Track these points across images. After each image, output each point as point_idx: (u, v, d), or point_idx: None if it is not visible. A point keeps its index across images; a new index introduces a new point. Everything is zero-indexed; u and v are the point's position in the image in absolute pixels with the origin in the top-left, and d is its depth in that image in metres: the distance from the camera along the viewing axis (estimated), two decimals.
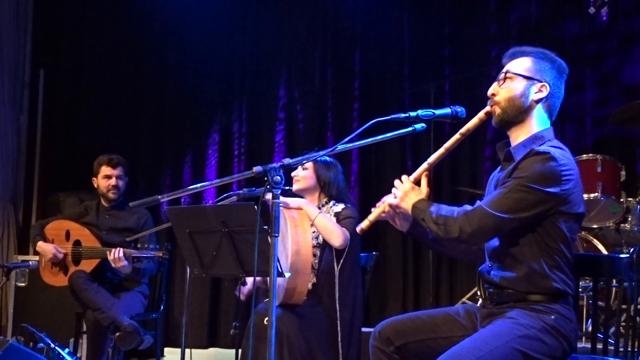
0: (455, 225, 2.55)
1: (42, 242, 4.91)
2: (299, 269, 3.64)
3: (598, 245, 4.78)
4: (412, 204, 2.68)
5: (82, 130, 6.84)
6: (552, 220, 2.54)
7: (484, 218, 2.51)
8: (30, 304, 5.64)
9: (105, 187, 4.98)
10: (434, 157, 2.75)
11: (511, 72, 2.69)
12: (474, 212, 2.55)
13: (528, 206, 2.50)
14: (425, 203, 2.67)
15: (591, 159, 4.94)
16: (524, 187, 2.50)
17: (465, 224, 2.53)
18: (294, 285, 3.63)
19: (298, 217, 3.76)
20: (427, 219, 2.62)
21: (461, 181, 5.94)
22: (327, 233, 3.76)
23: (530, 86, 2.68)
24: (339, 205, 3.92)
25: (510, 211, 2.50)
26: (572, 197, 2.55)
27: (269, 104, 6.56)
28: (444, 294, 5.92)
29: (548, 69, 2.71)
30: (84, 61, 6.91)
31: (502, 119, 2.70)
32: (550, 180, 2.50)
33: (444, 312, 2.79)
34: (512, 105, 2.67)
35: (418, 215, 2.67)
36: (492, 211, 2.51)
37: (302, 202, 3.86)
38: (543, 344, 2.48)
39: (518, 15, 6.03)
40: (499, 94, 2.70)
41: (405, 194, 2.72)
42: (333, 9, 6.52)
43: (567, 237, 2.57)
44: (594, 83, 5.76)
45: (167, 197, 2.68)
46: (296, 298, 3.67)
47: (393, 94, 6.28)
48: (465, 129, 2.73)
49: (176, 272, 6.26)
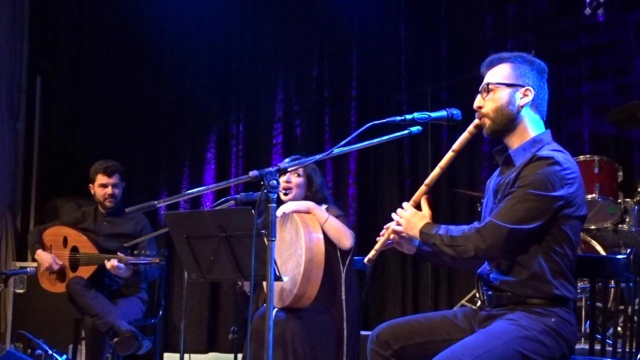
0: (469, 245, 2.53)
1: (40, 251, 4.90)
2: (311, 276, 3.60)
3: (596, 246, 4.78)
4: (419, 230, 2.66)
5: (80, 136, 6.83)
6: (557, 224, 2.54)
7: (497, 232, 2.50)
8: (28, 310, 5.63)
9: (101, 195, 4.96)
10: (431, 178, 2.75)
11: (492, 84, 2.70)
12: (486, 227, 2.53)
13: (538, 214, 2.50)
14: (431, 227, 2.65)
15: (588, 160, 4.95)
16: (532, 195, 2.50)
17: (479, 242, 2.52)
18: (304, 291, 3.59)
19: (310, 223, 3.70)
20: (438, 243, 2.60)
21: (459, 183, 5.94)
22: (338, 235, 3.74)
23: (514, 93, 2.68)
24: (324, 206, 3.89)
25: (522, 221, 2.50)
26: (577, 200, 2.56)
27: (267, 107, 6.57)
28: (443, 297, 5.92)
29: (528, 71, 2.71)
30: (81, 67, 6.91)
31: (494, 130, 2.70)
32: (556, 184, 2.50)
33: (442, 315, 2.79)
34: (501, 115, 2.67)
35: (428, 240, 2.64)
36: (503, 224, 2.50)
37: (310, 205, 3.80)
38: (543, 345, 2.48)
39: (514, 17, 6.03)
40: (484, 106, 2.70)
41: (408, 221, 2.70)
42: (330, 12, 6.53)
43: (572, 240, 2.57)
44: (592, 83, 5.76)
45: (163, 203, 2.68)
46: (303, 303, 3.64)
47: (390, 97, 6.28)
48: (458, 145, 2.74)
49: (174, 277, 6.26)
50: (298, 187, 3.94)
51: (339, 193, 6.30)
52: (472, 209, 5.80)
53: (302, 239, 3.61)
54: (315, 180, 3.96)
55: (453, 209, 5.98)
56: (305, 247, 3.59)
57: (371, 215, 6.21)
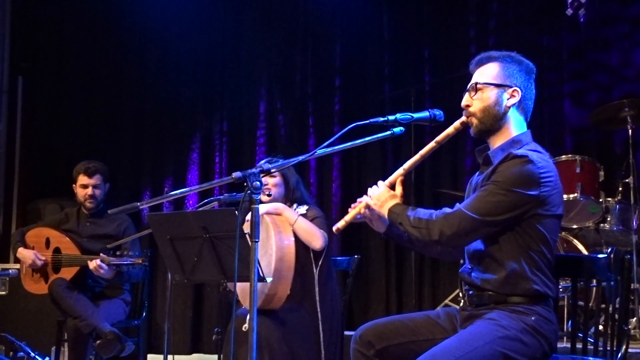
0: (434, 228, 2.57)
1: (22, 249, 4.88)
2: (282, 275, 3.62)
3: (578, 246, 4.81)
4: (389, 209, 2.71)
5: (62, 137, 6.80)
6: (531, 221, 2.55)
7: (463, 221, 2.54)
8: (10, 312, 5.58)
9: (82, 196, 4.94)
10: (409, 164, 2.79)
11: (481, 83, 2.71)
12: (454, 214, 2.57)
13: (506, 209, 2.52)
14: (401, 207, 2.69)
15: (570, 159, 4.97)
16: (503, 189, 2.52)
17: (444, 227, 2.55)
18: (274, 291, 3.61)
19: (280, 223, 3.74)
20: (405, 223, 2.64)
21: (442, 183, 5.96)
22: (308, 236, 3.76)
23: (502, 93, 2.69)
24: (303, 207, 3.92)
25: (488, 214, 2.52)
26: (551, 199, 2.56)
27: (250, 108, 6.57)
28: (427, 297, 5.94)
29: (517, 72, 2.72)
30: (63, 67, 6.88)
31: (481, 130, 2.72)
32: (528, 183, 2.52)
33: (425, 315, 2.80)
34: (488, 115, 2.69)
35: (395, 219, 2.68)
36: (471, 214, 2.53)
37: (280, 207, 3.84)
38: (523, 344, 2.49)
39: (497, 16, 6.06)
40: (472, 105, 2.72)
41: (380, 198, 2.75)
42: (312, 12, 6.54)
43: (548, 239, 2.58)
44: (573, 82, 5.80)
45: (146, 204, 2.67)
46: (274, 303, 3.65)
47: (374, 97, 6.30)
48: (441, 137, 2.76)
49: (158, 279, 6.24)
50: (276, 186, 3.95)
51: (322, 193, 6.31)
52: None
53: (272, 239, 3.64)
54: (290, 182, 3.98)
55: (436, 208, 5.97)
56: (275, 247, 3.62)
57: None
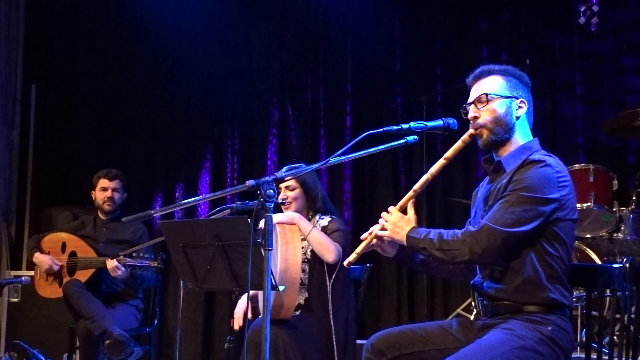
0: (464, 248, 2.51)
1: (38, 254, 4.93)
2: (286, 287, 3.59)
3: (591, 255, 4.78)
4: (406, 235, 2.64)
5: (75, 145, 6.82)
6: (550, 225, 2.54)
7: (492, 236, 2.49)
8: (23, 320, 5.61)
9: (101, 199, 5.03)
10: (419, 184, 2.72)
11: (490, 95, 2.70)
12: (480, 231, 2.51)
13: (534, 216, 2.50)
14: (419, 231, 2.63)
15: (583, 168, 4.94)
16: (526, 198, 2.50)
17: (474, 245, 2.50)
18: (280, 302, 3.57)
19: (289, 233, 3.69)
20: (429, 247, 2.58)
21: (454, 192, 5.94)
22: (321, 248, 3.72)
23: (511, 104, 2.70)
24: (326, 218, 3.88)
25: (517, 224, 2.49)
26: (569, 203, 2.56)
27: (262, 117, 6.57)
28: (439, 306, 5.91)
29: (519, 84, 2.74)
30: (75, 75, 6.91)
31: (492, 141, 2.71)
32: (548, 186, 2.51)
33: (437, 325, 2.78)
34: (499, 125, 2.69)
35: (416, 244, 2.61)
36: (498, 227, 2.49)
37: (295, 217, 3.79)
38: (539, 355, 2.47)
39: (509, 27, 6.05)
40: (481, 116, 2.71)
41: (395, 225, 2.68)
42: (324, 22, 6.54)
43: (566, 242, 2.57)
44: (586, 92, 5.78)
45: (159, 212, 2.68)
46: (283, 314, 3.62)
47: (385, 106, 6.29)
48: (450, 153, 2.73)
49: (170, 287, 6.24)
50: (295, 199, 3.91)
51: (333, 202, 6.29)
52: (467, 217, 5.78)
53: (279, 249, 3.61)
54: (310, 192, 3.92)
55: (448, 217, 5.98)
56: (280, 258, 3.59)
57: (365, 224, 6.18)
